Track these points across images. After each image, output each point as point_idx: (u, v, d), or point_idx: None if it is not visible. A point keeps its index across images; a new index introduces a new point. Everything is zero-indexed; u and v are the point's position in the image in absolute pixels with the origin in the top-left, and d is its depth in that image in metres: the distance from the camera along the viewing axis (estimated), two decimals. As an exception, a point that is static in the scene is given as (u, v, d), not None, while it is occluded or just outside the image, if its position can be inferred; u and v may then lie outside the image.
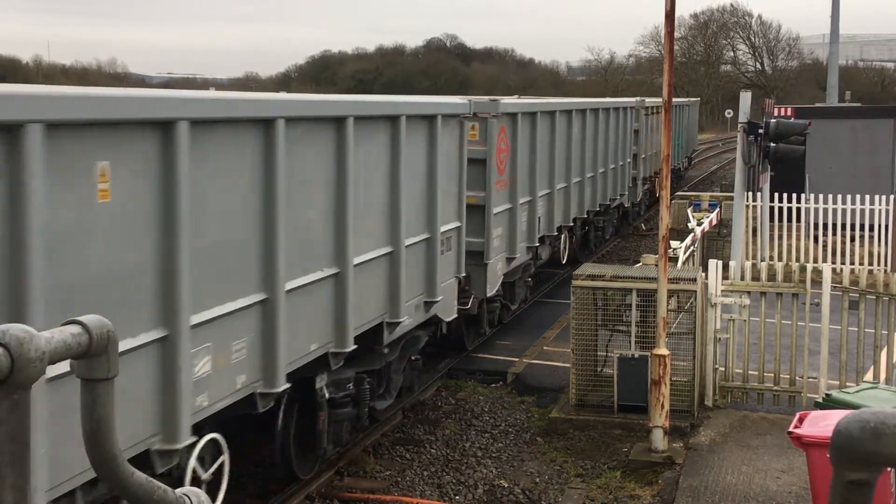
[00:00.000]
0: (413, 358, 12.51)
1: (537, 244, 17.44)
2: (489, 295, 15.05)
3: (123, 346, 6.51)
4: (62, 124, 6.08)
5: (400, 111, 11.08)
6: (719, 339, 12.62)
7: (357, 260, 10.10)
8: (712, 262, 12.72)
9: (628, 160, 26.54)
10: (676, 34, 20.47)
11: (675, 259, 15.70)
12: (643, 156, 28.68)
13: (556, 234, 18.93)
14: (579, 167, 20.59)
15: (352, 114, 9.85)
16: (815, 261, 20.27)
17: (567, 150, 19.42)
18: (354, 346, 10.05)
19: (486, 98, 15.81)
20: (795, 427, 8.15)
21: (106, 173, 6.42)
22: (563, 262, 20.23)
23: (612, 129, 24.02)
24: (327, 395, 10.02)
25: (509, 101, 16.36)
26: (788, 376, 12.50)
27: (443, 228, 12.39)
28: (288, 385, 8.66)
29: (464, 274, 13.50)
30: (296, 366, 8.97)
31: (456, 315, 13.51)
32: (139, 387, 6.86)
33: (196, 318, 7.33)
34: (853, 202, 21.31)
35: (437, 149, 12.08)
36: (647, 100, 29.62)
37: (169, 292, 7.01)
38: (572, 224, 20.32)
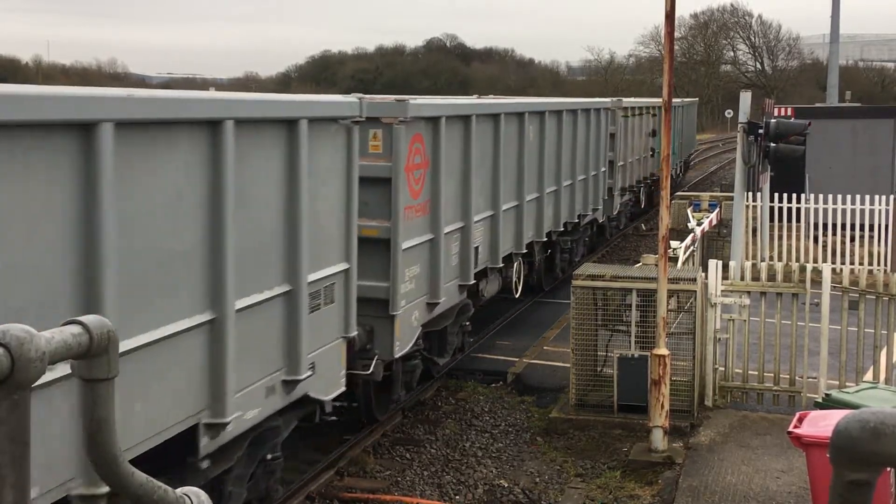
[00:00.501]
0: (270, 457, 9.05)
1: (473, 281, 13.83)
2: (400, 354, 11.64)
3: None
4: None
5: (224, 114, 7.51)
6: (719, 338, 12.62)
7: (142, 339, 6.76)
8: (712, 262, 12.72)
9: (603, 169, 23.11)
10: (676, 34, 20.29)
11: (675, 259, 15.70)
12: (621, 163, 25.44)
13: (501, 265, 15.27)
14: (536, 181, 17.18)
15: (111, 118, 6.32)
16: (815, 261, 20.27)
17: (518, 162, 16.02)
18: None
19: (392, 98, 11.83)
20: (795, 427, 8.15)
21: None
22: (517, 295, 16.84)
23: (582, 134, 20.58)
24: None
25: (426, 102, 12.34)
26: (788, 376, 12.50)
27: (317, 275, 9.08)
28: None
29: (354, 333, 10.09)
30: None
31: (343, 389, 10.10)
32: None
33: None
34: (853, 202, 21.32)
35: (300, 166, 8.60)
36: (625, 100, 26.31)
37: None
38: (525, 251, 16.70)
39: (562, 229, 19.22)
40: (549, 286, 19.96)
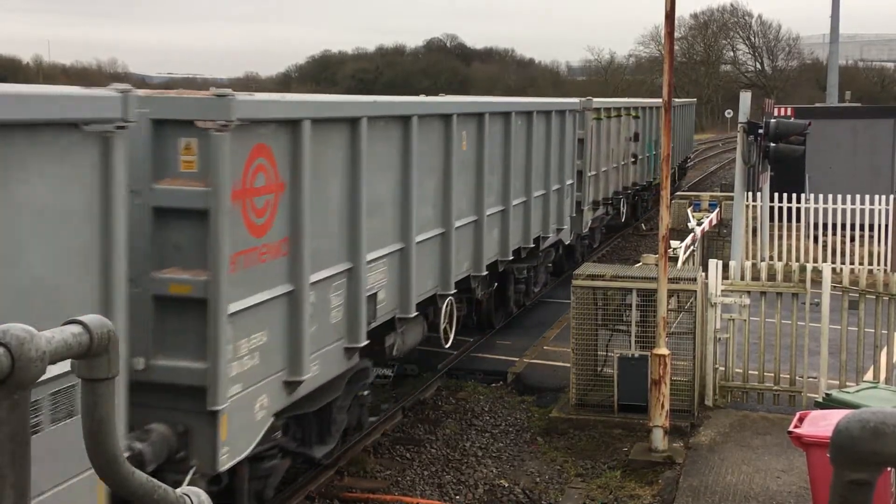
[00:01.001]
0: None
1: (365, 341, 10.31)
2: (229, 465, 8.10)
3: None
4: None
5: None
6: (719, 338, 12.62)
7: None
8: (712, 262, 12.72)
9: (569, 182, 19.51)
10: (676, 34, 20.13)
11: (675, 259, 15.70)
12: (593, 173, 22.03)
13: (414, 313, 11.75)
14: (472, 201, 13.91)
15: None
16: (815, 261, 20.27)
17: (444, 178, 12.71)
18: None
19: (211, 91, 8.00)
20: (795, 427, 8.15)
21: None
22: (447, 345, 13.44)
23: (540, 141, 17.07)
24: None
25: (271, 99, 9.13)
26: (788, 376, 12.50)
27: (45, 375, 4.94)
28: None
29: (138, 449, 7.36)
30: None
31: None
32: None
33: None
34: (853, 202, 21.31)
35: (14, 199, 5.91)
36: (598, 100, 22.67)
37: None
38: (454, 290, 13.21)
39: (511, 257, 15.68)
40: (502, 322, 17.11)
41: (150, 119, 7.69)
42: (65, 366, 5.65)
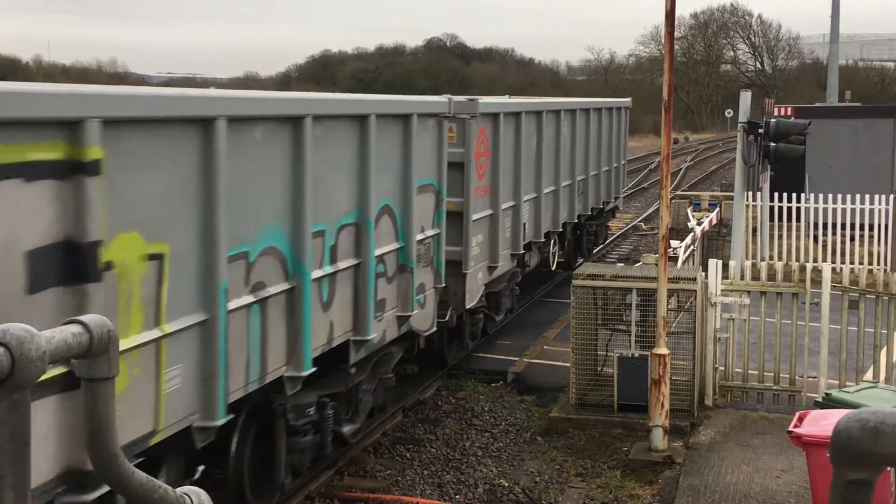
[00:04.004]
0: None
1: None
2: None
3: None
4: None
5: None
6: (719, 338, 12.62)
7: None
8: (712, 262, 12.72)
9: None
10: (676, 34, 20.12)
11: (675, 258, 15.70)
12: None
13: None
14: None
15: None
16: (815, 260, 20.27)
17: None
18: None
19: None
20: (795, 426, 8.15)
21: None
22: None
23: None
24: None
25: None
26: (788, 376, 12.50)
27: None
28: None
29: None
30: None
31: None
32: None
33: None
34: (853, 202, 21.31)
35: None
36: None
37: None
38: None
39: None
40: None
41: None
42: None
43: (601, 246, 25.02)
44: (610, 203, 23.44)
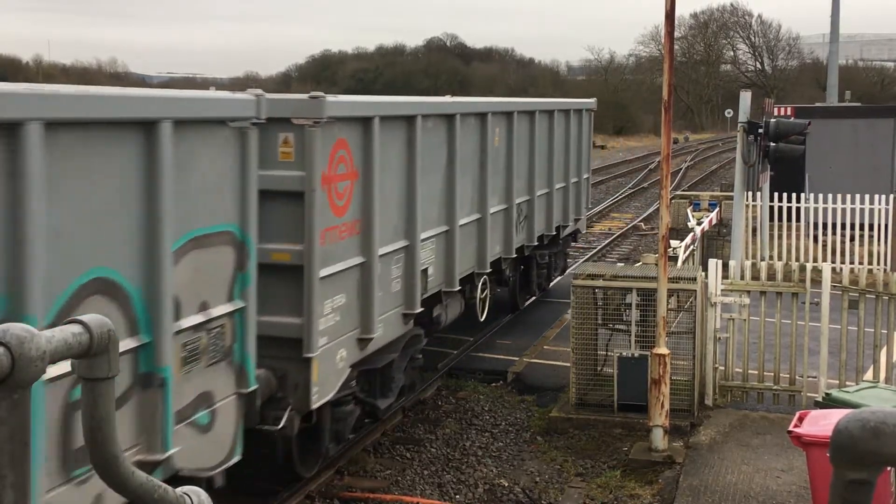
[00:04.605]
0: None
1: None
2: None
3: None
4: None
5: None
6: (719, 338, 12.62)
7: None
8: (712, 262, 12.72)
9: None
10: (676, 34, 19.98)
11: (674, 258, 15.70)
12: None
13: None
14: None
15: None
16: (815, 260, 20.27)
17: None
18: None
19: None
20: (795, 426, 8.15)
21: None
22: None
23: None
24: None
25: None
26: (788, 375, 12.50)
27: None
28: None
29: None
30: None
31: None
32: None
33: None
34: (853, 201, 21.31)
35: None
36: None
37: None
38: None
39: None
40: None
41: None
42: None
43: (557, 279, 20.28)
44: (568, 226, 19.30)
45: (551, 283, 19.80)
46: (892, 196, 21.37)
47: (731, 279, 12.77)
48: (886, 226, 20.88)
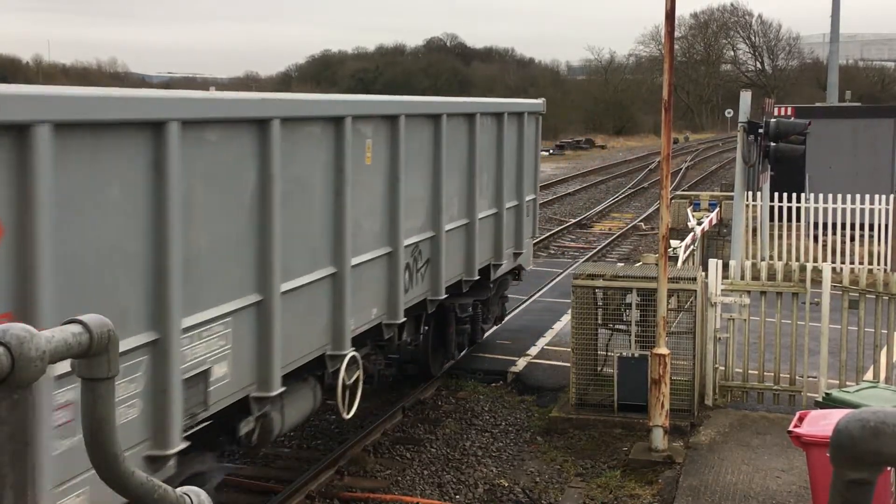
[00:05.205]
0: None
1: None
2: None
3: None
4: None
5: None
6: (719, 338, 12.62)
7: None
8: (712, 262, 12.72)
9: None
10: (676, 34, 19.92)
11: (675, 258, 15.70)
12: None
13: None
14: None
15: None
16: (815, 260, 20.27)
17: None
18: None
19: None
20: (795, 426, 8.15)
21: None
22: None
23: None
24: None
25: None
26: (788, 375, 12.50)
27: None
28: None
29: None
30: None
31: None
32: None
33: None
34: (853, 202, 21.32)
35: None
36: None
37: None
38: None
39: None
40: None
41: None
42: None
43: (492, 330, 15.94)
44: (502, 264, 14.54)
45: (485, 335, 15.57)
46: (892, 196, 21.37)
47: (732, 279, 12.77)
48: (886, 226, 20.88)
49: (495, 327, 16.10)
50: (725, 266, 13.04)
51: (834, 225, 21.39)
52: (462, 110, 12.98)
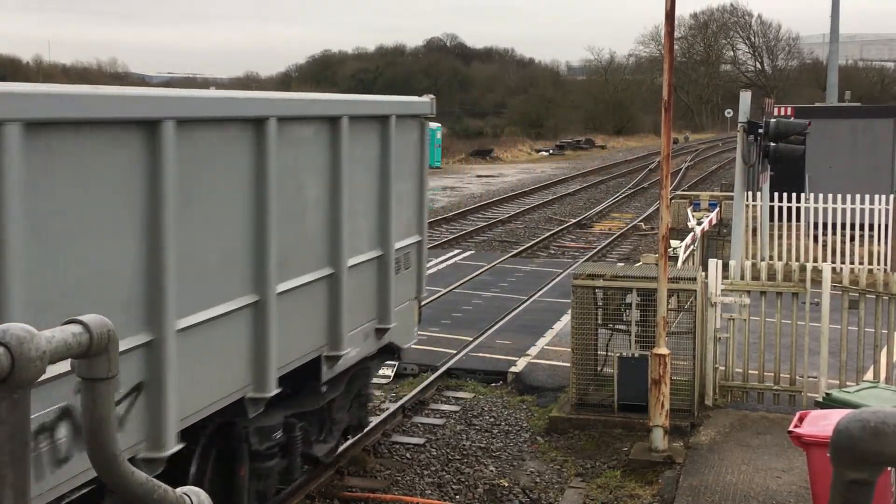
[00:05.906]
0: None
1: None
2: None
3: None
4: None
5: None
6: (719, 338, 12.62)
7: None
8: (712, 262, 12.71)
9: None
10: (676, 34, 19.96)
11: (675, 258, 15.69)
12: None
13: None
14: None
15: None
16: (815, 260, 20.26)
17: None
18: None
19: None
20: (795, 426, 8.14)
21: None
22: None
23: None
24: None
25: None
26: (788, 375, 12.49)
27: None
28: None
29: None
30: None
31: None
32: None
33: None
34: (853, 201, 21.31)
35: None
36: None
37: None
38: None
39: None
40: None
41: None
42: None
43: (346, 445, 11.03)
44: (352, 352, 9.58)
45: (336, 453, 10.53)
46: (892, 196, 21.36)
47: (732, 279, 12.77)
48: (886, 226, 20.87)
49: (349, 442, 11.08)
50: (725, 266, 13.03)
51: (834, 225, 21.38)
52: (286, 112, 8.00)
